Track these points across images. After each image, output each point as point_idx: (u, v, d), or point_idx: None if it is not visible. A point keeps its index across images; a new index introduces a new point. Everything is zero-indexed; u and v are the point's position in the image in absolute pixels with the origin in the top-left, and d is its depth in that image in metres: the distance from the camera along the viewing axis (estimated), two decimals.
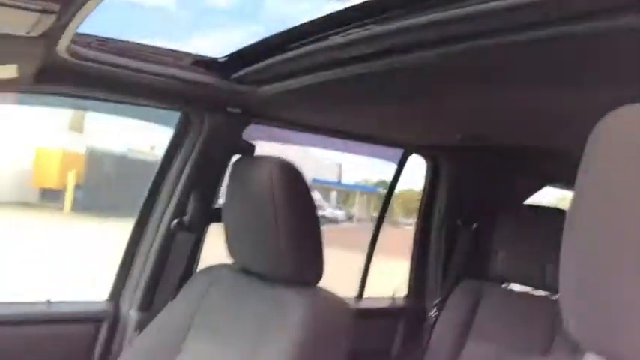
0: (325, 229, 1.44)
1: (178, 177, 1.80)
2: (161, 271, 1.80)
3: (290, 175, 1.39)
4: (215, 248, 1.71)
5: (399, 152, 2.39)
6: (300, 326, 1.27)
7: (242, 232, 1.49)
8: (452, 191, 2.44)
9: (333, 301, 1.41)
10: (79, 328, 1.75)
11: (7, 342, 1.62)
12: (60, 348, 1.69)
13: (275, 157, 1.42)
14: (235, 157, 1.70)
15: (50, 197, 14.74)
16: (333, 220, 18.96)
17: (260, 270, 1.45)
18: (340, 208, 20.44)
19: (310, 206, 1.42)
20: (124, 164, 12.52)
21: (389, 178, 2.54)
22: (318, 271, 1.41)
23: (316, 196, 21.84)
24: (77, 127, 16.62)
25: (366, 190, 19.61)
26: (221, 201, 1.81)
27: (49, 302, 1.72)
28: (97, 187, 13.25)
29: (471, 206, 2.42)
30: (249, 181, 1.43)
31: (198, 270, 1.81)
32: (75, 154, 14.60)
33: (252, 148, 1.84)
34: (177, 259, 1.82)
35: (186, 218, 1.79)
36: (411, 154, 2.39)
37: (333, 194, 24.54)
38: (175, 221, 1.78)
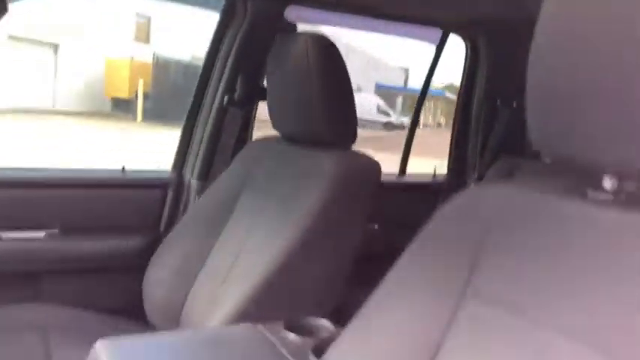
0: (393, 134, 1.51)
1: (226, 58, 1.98)
2: (216, 144, 2.03)
3: (324, 46, 1.52)
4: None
5: (439, 34, 2.46)
6: (329, 180, 1.45)
7: (283, 104, 1.65)
8: (491, 71, 2.51)
9: (363, 160, 1.58)
10: (149, 193, 2.03)
11: (89, 202, 1.92)
12: (134, 209, 1.99)
13: (310, 32, 1.56)
14: None
15: (122, 107, 15.42)
16: (399, 126, 18.91)
17: (300, 137, 1.63)
18: (406, 115, 20.23)
19: (344, 76, 1.55)
20: (189, 72, 12.82)
21: (456, 81, 2.63)
22: (351, 135, 1.57)
23: (379, 101, 21.48)
24: (143, 38, 16.97)
25: (432, 93, 19.19)
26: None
27: (123, 169, 2.00)
28: (165, 95, 13.68)
29: (511, 85, 2.48)
30: (288, 55, 1.57)
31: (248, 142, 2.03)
32: (143, 64, 15.08)
33: (293, 27, 1.98)
34: (230, 133, 2.03)
35: (235, 95, 1.99)
36: (450, 34, 2.45)
37: (399, 100, 24.21)
38: (226, 97, 1.98)
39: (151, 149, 6.63)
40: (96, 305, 1.78)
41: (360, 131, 1.58)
